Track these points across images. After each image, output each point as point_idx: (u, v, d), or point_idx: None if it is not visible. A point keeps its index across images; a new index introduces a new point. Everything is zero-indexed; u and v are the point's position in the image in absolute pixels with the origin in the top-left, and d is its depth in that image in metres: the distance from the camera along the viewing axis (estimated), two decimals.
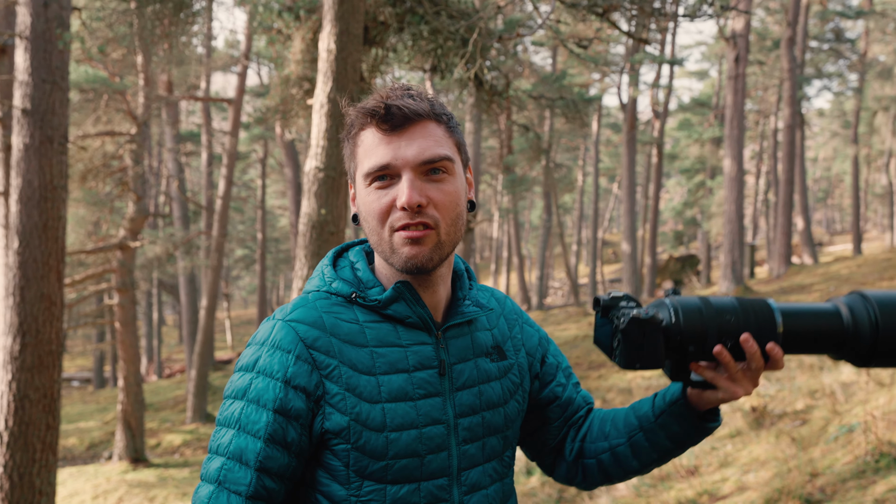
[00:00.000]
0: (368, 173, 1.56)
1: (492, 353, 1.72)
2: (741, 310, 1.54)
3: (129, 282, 16.06)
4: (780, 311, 1.55)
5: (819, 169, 62.87)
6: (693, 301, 1.54)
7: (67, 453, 18.92)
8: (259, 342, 1.55)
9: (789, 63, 24.77)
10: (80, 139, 15.54)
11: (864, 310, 1.54)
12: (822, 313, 1.56)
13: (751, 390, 1.57)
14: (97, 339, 33.39)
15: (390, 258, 1.57)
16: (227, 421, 1.52)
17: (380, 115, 1.54)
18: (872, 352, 1.53)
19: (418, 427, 1.56)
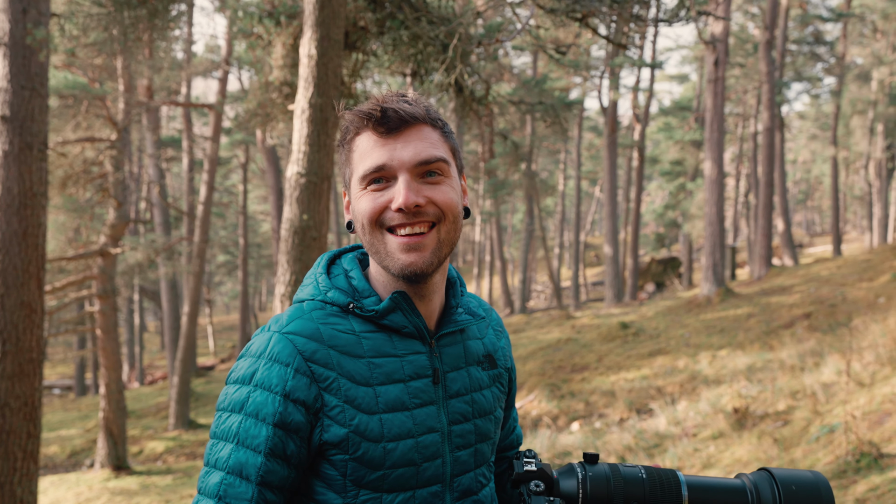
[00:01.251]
0: (364, 176, 1.56)
1: (483, 362, 1.73)
2: (649, 483, 1.57)
3: (110, 288, 15.98)
4: (686, 484, 1.58)
5: (799, 171, 63.30)
6: (602, 473, 1.57)
7: (49, 461, 18.78)
8: (255, 354, 1.53)
9: (768, 66, 24.93)
10: (59, 145, 15.45)
11: (770, 492, 1.58)
12: (727, 489, 1.60)
13: None
14: (78, 347, 33.18)
15: (385, 262, 1.57)
16: (224, 434, 1.50)
17: (376, 118, 1.55)
18: None
19: (414, 436, 1.56)
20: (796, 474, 1.60)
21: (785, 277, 22.34)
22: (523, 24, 4.93)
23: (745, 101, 39.15)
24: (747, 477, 1.62)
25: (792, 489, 1.56)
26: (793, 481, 1.58)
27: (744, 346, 14.32)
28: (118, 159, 16.33)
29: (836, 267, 22.46)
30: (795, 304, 17.34)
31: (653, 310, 22.16)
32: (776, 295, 19.19)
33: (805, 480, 1.59)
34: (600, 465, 1.58)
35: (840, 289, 17.81)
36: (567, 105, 24.56)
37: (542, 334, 22.14)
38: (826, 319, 15.04)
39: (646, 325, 19.13)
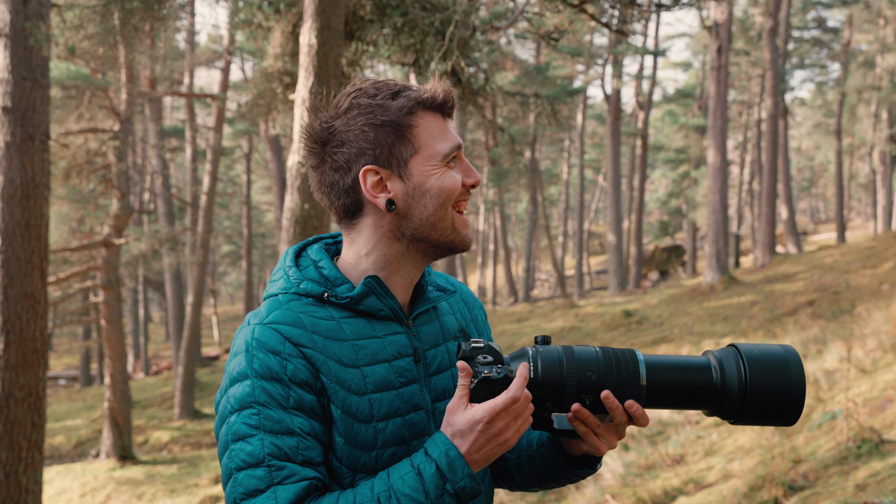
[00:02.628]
0: (448, 153, 1.60)
1: (459, 336, 1.75)
2: (605, 363, 1.53)
3: (115, 279, 16.02)
4: (645, 363, 1.54)
5: (803, 158, 63.12)
6: (555, 353, 1.53)
7: (54, 451, 18.86)
8: (244, 349, 1.52)
9: (771, 53, 24.85)
10: (62, 136, 15.46)
11: (735, 366, 1.53)
12: (689, 367, 1.54)
13: (615, 444, 1.60)
14: (83, 337, 33.24)
15: (450, 237, 1.62)
16: (243, 433, 1.47)
17: (443, 101, 1.61)
18: (740, 411, 1.53)
19: (402, 415, 1.58)
20: (764, 349, 1.54)
21: (789, 265, 22.33)
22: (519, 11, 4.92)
23: (748, 88, 39.02)
24: (713, 353, 1.57)
25: (758, 364, 1.51)
26: (760, 356, 1.52)
27: (747, 334, 14.32)
28: (121, 150, 16.34)
29: (840, 254, 22.44)
30: (799, 291, 17.34)
31: (656, 298, 22.17)
32: (780, 282, 19.19)
33: (773, 354, 1.53)
34: (553, 346, 1.55)
35: (844, 276, 17.80)
36: (570, 93, 24.52)
37: (545, 323, 22.17)
38: (829, 307, 15.04)
39: (649, 313, 19.14)
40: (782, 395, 1.51)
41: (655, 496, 7.10)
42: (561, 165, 45.61)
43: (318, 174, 1.64)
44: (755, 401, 1.51)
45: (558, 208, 53.84)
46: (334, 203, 1.64)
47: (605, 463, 8.22)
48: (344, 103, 1.61)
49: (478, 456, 1.47)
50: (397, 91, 1.60)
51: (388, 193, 1.59)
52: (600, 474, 8.06)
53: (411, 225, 1.60)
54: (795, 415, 1.53)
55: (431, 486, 1.43)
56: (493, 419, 1.46)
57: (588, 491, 7.71)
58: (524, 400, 1.49)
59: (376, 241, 1.63)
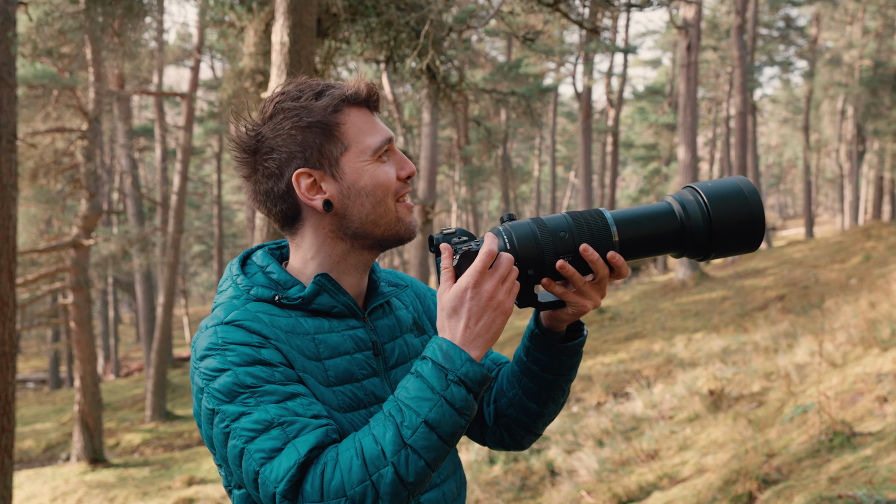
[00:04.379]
0: (379, 147, 1.59)
1: (413, 329, 1.77)
2: (575, 225, 1.54)
3: (84, 280, 15.84)
4: (614, 220, 1.56)
5: (771, 155, 63.78)
6: (526, 225, 1.54)
7: (24, 456, 18.63)
8: (214, 350, 1.48)
9: (739, 50, 25.06)
10: (29, 136, 15.27)
11: (696, 203, 1.56)
12: (655, 215, 1.57)
13: (599, 301, 1.60)
14: (52, 340, 32.88)
15: (395, 228, 1.62)
16: (242, 411, 1.43)
17: (368, 96, 1.61)
18: (709, 246, 1.56)
19: (366, 406, 1.58)
20: (720, 183, 1.58)
21: (759, 260, 22.54)
22: (494, 10, 4.92)
23: (717, 85, 39.35)
24: (672, 197, 1.60)
25: (718, 197, 1.55)
26: (717, 189, 1.56)
27: (719, 329, 14.44)
28: (89, 149, 16.15)
29: (809, 249, 22.69)
30: (769, 286, 17.51)
31: (629, 294, 22.30)
32: (750, 278, 19.36)
33: (729, 185, 1.57)
34: (522, 220, 1.56)
35: (813, 271, 18.00)
36: (541, 91, 24.57)
37: (518, 320, 22.21)
38: (799, 301, 15.20)
39: (622, 309, 19.24)
40: (745, 220, 1.55)
41: (630, 491, 7.14)
42: (532, 163, 45.73)
43: (252, 184, 1.62)
44: (721, 234, 1.55)
45: (530, 205, 53.97)
46: (272, 211, 1.63)
47: (580, 459, 8.26)
48: (269, 109, 1.59)
49: (479, 327, 1.47)
50: (320, 91, 1.59)
51: (324, 194, 1.59)
52: (575, 470, 8.09)
53: (352, 224, 1.60)
54: (759, 238, 1.58)
55: (434, 380, 1.42)
56: (479, 282, 1.47)
57: (564, 487, 7.73)
58: (507, 260, 1.49)
59: (320, 243, 1.62)
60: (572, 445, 9.06)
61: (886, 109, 30.60)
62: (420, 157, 19.85)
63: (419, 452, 1.39)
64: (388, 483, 1.38)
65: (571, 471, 8.16)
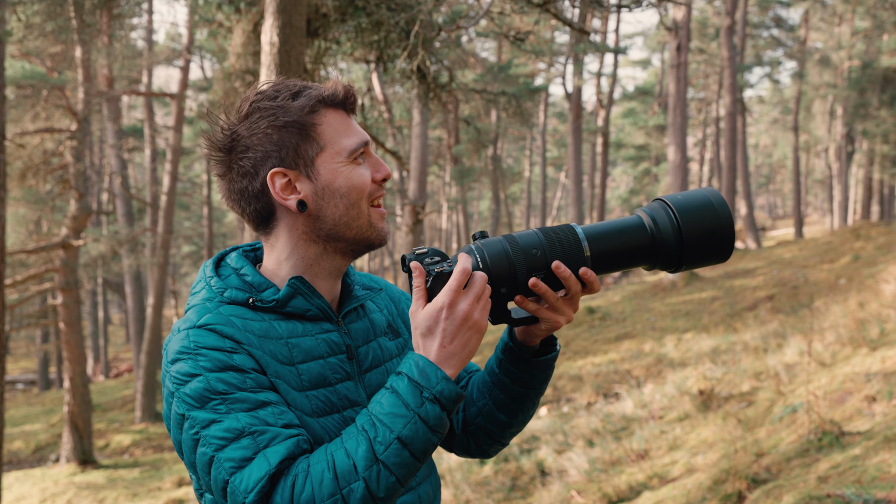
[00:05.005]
0: (355, 149, 1.59)
1: (388, 333, 1.76)
2: (547, 242, 1.55)
3: (73, 281, 15.79)
4: (585, 235, 1.57)
5: (761, 155, 63.98)
6: (498, 243, 1.55)
7: (13, 457, 18.56)
8: (185, 354, 1.47)
9: (729, 51, 25.14)
10: (18, 136, 15.21)
11: (666, 216, 1.57)
12: (626, 229, 1.59)
13: (572, 316, 1.61)
14: (41, 340, 32.74)
15: (366, 233, 1.61)
16: (212, 419, 1.42)
17: (345, 98, 1.60)
18: (680, 257, 1.58)
19: (340, 411, 1.58)
20: (689, 195, 1.59)
21: (748, 260, 22.60)
22: (484, 10, 4.93)
23: (707, 85, 39.45)
24: (643, 210, 1.61)
25: (687, 210, 1.56)
26: (687, 202, 1.57)
27: (708, 329, 14.48)
28: (78, 150, 16.09)
29: (798, 249, 22.77)
30: (759, 286, 17.56)
31: (619, 294, 22.33)
32: (740, 278, 19.42)
33: (698, 197, 1.58)
34: (494, 238, 1.57)
35: (802, 271, 18.06)
36: (532, 91, 24.59)
37: None
38: (788, 301, 15.25)
39: (612, 309, 19.27)
40: (715, 232, 1.57)
41: (620, 491, 7.15)
42: (523, 163, 45.77)
43: (227, 182, 1.61)
44: (692, 245, 1.57)
45: (521, 206, 54.03)
46: (245, 210, 1.62)
47: (570, 459, 8.26)
48: (245, 108, 1.58)
49: (454, 346, 1.47)
50: (297, 91, 1.59)
51: (298, 194, 1.58)
52: (566, 470, 8.09)
53: (325, 225, 1.59)
54: (729, 249, 1.59)
55: (409, 397, 1.42)
56: (454, 301, 1.47)
57: (554, 487, 7.74)
58: (480, 279, 1.49)
59: (293, 244, 1.62)
60: (562, 445, 9.07)
61: (875, 110, 30.73)
62: (410, 157, 19.85)
63: (391, 468, 1.39)
64: (358, 498, 1.38)
65: (562, 471, 8.17)
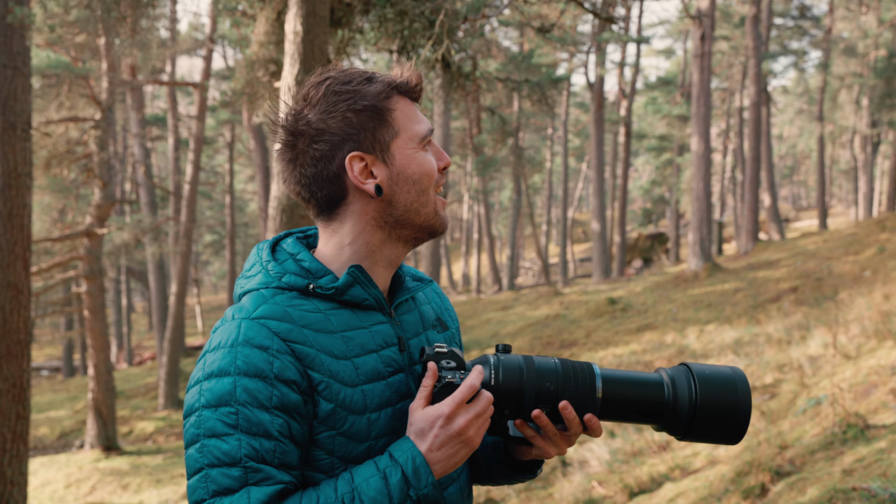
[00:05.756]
0: (425, 136, 1.61)
1: (437, 325, 1.77)
2: (563, 376, 1.56)
3: (97, 269, 15.91)
4: (602, 376, 1.57)
5: (785, 146, 63.42)
6: (515, 362, 1.55)
7: (38, 443, 18.77)
8: (227, 344, 1.47)
9: (754, 41, 24.91)
10: (43, 125, 15.32)
11: (686, 385, 1.58)
12: (643, 382, 1.59)
13: (565, 451, 1.62)
14: (66, 328, 33.06)
15: (431, 221, 1.63)
16: (219, 430, 1.43)
17: (415, 86, 1.62)
18: (688, 427, 1.58)
19: (393, 405, 1.58)
20: (714, 368, 1.59)
21: (772, 252, 22.44)
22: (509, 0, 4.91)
23: (731, 75, 39.14)
24: (665, 371, 1.61)
25: (708, 383, 1.56)
26: (710, 375, 1.57)
27: (731, 321, 14.40)
28: (103, 139, 16.19)
29: (823, 241, 22.57)
30: (782, 278, 17.43)
31: (640, 285, 22.24)
32: (763, 269, 19.28)
33: (722, 374, 1.58)
34: (514, 356, 1.57)
35: (826, 262, 17.91)
36: (554, 81, 24.49)
37: (530, 311, 22.20)
38: (812, 293, 15.13)
39: (634, 300, 19.20)
40: (729, 414, 1.57)
41: (642, 482, 7.13)
42: (544, 153, 45.62)
43: (297, 167, 1.60)
44: (703, 418, 1.56)
45: (542, 196, 53.88)
46: (315, 195, 1.60)
47: (591, 450, 8.25)
48: (317, 92, 1.58)
49: (440, 454, 1.48)
50: (370, 77, 1.59)
51: (375, 179, 1.58)
52: (587, 461, 8.08)
53: (396, 211, 1.60)
54: (740, 434, 1.59)
55: (396, 491, 1.44)
56: (452, 413, 1.48)
57: (575, 478, 7.73)
58: (486, 399, 1.50)
59: (360, 229, 1.61)
60: (583, 436, 9.05)
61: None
62: None
63: None
64: None
65: (583, 462, 8.16)
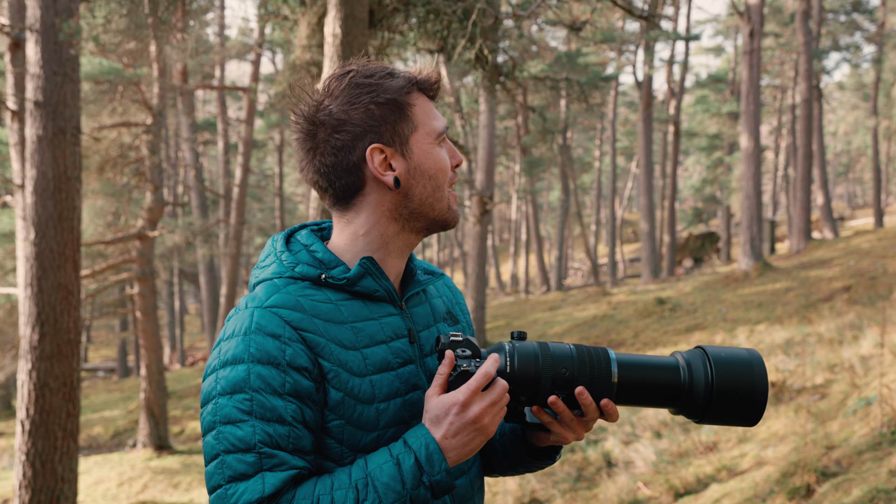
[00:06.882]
0: (441, 132, 1.65)
1: (447, 319, 1.79)
2: (578, 360, 1.56)
3: (149, 271, 16.18)
4: (617, 361, 1.57)
5: (840, 143, 62.26)
6: (530, 349, 1.56)
7: (93, 442, 19.14)
8: (241, 333, 1.51)
9: (804, 36, 24.50)
10: (96, 131, 15.61)
11: (702, 367, 1.57)
12: (659, 366, 1.59)
13: (582, 436, 1.62)
14: (120, 329, 33.66)
15: (444, 215, 1.67)
16: (234, 417, 1.46)
17: (434, 84, 1.66)
18: (705, 410, 1.57)
19: (402, 395, 1.61)
20: (730, 351, 1.59)
21: (824, 251, 22.05)
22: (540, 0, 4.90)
23: (782, 72, 38.54)
24: (681, 354, 1.61)
25: (724, 365, 1.56)
26: (726, 357, 1.57)
27: (782, 321, 14.17)
28: (154, 143, 16.47)
29: (877, 239, 22.13)
30: (835, 277, 17.12)
31: (690, 285, 22.01)
32: (815, 268, 18.96)
33: (738, 356, 1.58)
34: (529, 342, 1.58)
35: (881, 261, 17.55)
36: (601, 80, 24.34)
37: (577, 311, 22.09)
38: (866, 292, 14.84)
39: (683, 300, 19.00)
40: (746, 396, 1.57)
41: (688, 483, 7.07)
42: (593, 153, 45.37)
43: (317, 156, 1.63)
44: (720, 401, 1.56)
45: (591, 196, 53.60)
46: (333, 184, 1.63)
47: (637, 451, 8.20)
48: (340, 84, 1.61)
49: (454, 441, 1.49)
50: (391, 72, 1.63)
51: (393, 171, 1.61)
52: (632, 461, 8.03)
53: (411, 204, 1.63)
54: (757, 416, 1.59)
55: (409, 477, 1.46)
56: (467, 401, 1.49)
57: (620, 479, 7.69)
58: (501, 387, 1.51)
59: (375, 220, 1.64)
60: (629, 437, 8.99)
61: None
62: (478, 147, 19.81)
63: None
64: None
65: (628, 462, 8.11)
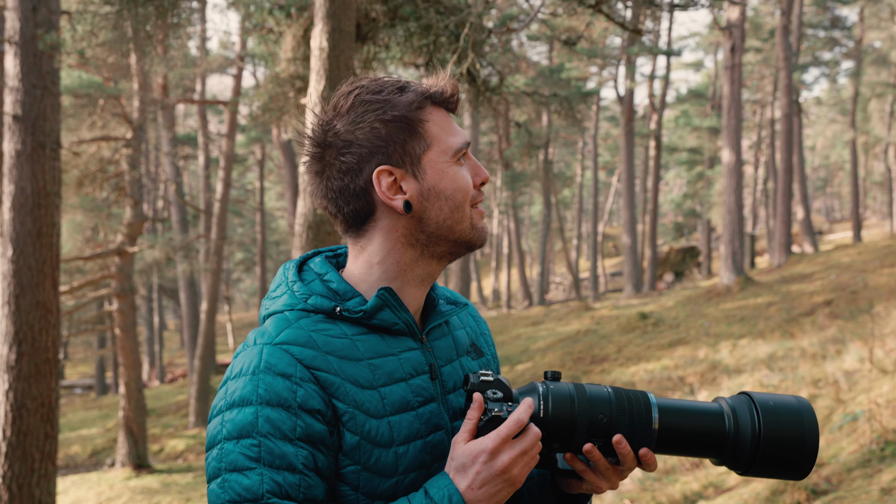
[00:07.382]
0: (460, 149, 1.52)
1: (471, 352, 1.66)
2: (616, 404, 1.47)
3: (128, 287, 16.02)
4: (658, 406, 1.48)
5: (818, 157, 62.81)
6: (566, 391, 1.46)
7: (70, 461, 18.89)
8: (248, 372, 1.40)
9: (784, 51, 24.70)
10: (75, 145, 15.49)
11: (749, 415, 1.48)
12: (702, 412, 1.50)
13: (617, 485, 1.53)
14: (98, 346, 33.36)
15: (469, 235, 1.53)
16: (240, 464, 1.36)
17: (451, 96, 1.53)
18: (752, 461, 1.48)
19: (423, 437, 1.49)
20: (777, 398, 1.50)
21: (805, 265, 22.16)
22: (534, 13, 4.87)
23: (762, 87, 38.86)
24: (725, 401, 1.52)
25: (772, 414, 1.47)
26: (774, 406, 1.48)
27: (764, 335, 14.19)
28: (134, 158, 16.35)
29: (857, 253, 22.26)
30: (816, 291, 17.19)
31: (672, 300, 22.05)
32: (796, 282, 19.03)
33: (786, 405, 1.49)
34: (564, 384, 1.48)
35: (861, 275, 17.64)
36: (583, 94, 24.44)
37: (561, 326, 22.07)
38: (847, 306, 14.89)
39: (665, 315, 19.02)
40: (796, 446, 1.47)
41: (674, 500, 7.02)
42: (574, 167, 45.52)
43: (324, 180, 1.52)
44: (768, 451, 1.47)
45: (572, 211, 53.70)
46: (342, 209, 1.52)
47: None
48: (346, 102, 1.50)
49: (480, 493, 1.38)
50: (402, 86, 1.51)
51: (404, 195, 1.49)
52: None
53: (427, 228, 1.51)
54: (807, 468, 1.49)
55: None
56: (496, 449, 1.38)
57: (607, 496, 7.62)
58: (533, 435, 1.41)
59: (390, 247, 1.52)
60: None
61: None
62: None
63: None
64: None
65: None
